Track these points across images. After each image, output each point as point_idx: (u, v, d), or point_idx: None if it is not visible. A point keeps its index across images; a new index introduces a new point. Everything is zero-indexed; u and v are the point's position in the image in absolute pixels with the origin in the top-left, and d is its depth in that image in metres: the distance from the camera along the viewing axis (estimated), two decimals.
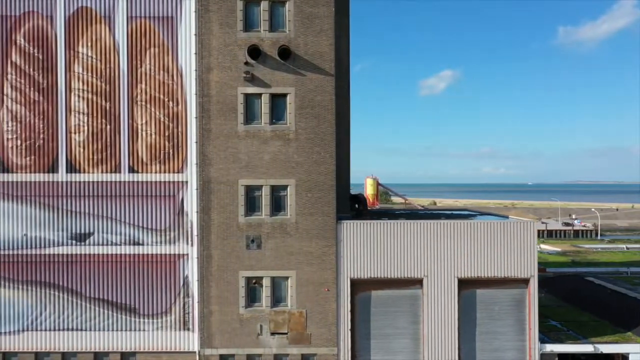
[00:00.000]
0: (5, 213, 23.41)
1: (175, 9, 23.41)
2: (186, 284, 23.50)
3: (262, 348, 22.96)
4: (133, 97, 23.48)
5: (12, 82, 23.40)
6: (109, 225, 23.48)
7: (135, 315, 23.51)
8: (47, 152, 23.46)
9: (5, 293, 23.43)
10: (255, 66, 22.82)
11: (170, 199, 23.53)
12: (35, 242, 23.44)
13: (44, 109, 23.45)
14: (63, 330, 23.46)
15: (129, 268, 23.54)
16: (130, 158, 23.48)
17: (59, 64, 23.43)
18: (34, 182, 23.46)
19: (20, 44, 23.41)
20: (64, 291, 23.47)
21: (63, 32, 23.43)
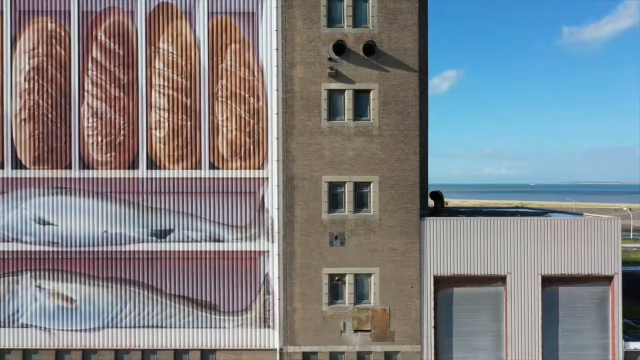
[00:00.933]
0: (86, 210, 23.31)
1: (257, 5, 23.30)
2: (267, 281, 23.38)
3: (345, 345, 22.84)
4: (214, 93, 23.36)
5: (92, 78, 23.30)
6: (189, 222, 23.36)
7: (215, 313, 23.39)
8: (127, 148, 23.35)
9: (86, 290, 23.32)
10: (338, 62, 22.71)
11: (251, 195, 23.41)
12: (116, 238, 23.32)
13: (125, 105, 23.34)
14: (143, 327, 23.35)
15: (209, 265, 23.42)
16: (211, 154, 23.37)
17: (139, 59, 23.32)
18: (115, 179, 23.35)
19: (101, 40, 23.31)
20: (144, 288, 23.36)
21: (144, 28, 23.33)
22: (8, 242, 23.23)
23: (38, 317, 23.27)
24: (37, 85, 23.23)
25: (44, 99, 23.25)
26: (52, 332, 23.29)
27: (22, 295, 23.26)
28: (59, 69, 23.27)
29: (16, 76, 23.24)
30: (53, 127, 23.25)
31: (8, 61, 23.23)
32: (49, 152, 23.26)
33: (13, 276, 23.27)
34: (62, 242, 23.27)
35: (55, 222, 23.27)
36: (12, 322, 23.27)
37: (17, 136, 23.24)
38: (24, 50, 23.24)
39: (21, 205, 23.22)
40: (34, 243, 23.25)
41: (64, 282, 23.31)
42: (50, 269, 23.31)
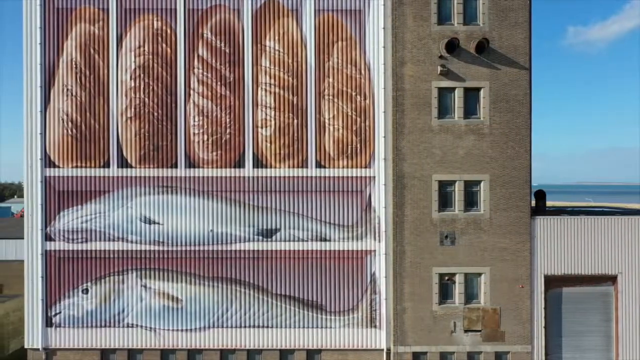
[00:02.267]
0: (192, 209, 23.14)
1: (364, 2, 23.12)
2: (373, 281, 23.18)
3: (455, 345, 22.64)
4: (320, 91, 23.19)
5: (198, 76, 23.14)
6: (295, 221, 23.18)
7: (322, 312, 23.20)
8: (233, 146, 23.18)
9: (192, 289, 23.16)
10: (449, 60, 22.52)
11: (358, 194, 23.22)
12: (222, 238, 23.16)
13: (231, 103, 23.18)
14: (249, 327, 23.18)
15: (315, 264, 23.24)
16: (318, 153, 23.18)
17: (245, 57, 23.16)
18: (221, 177, 23.18)
19: (207, 37, 23.16)
20: (250, 288, 23.19)
21: (250, 26, 23.17)
22: (114, 241, 23.08)
23: (144, 316, 23.12)
24: (143, 83, 23.09)
25: (150, 97, 23.11)
26: (158, 331, 23.14)
27: (128, 294, 23.11)
28: (164, 67, 23.12)
29: (122, 74, 23.11)
30: (159, 126, 23.10)
31: (114, 59, 23.10)
32: (154, 151, 23.11)
33: (119, 276, 23.13)
34: (168, 242, 23.12)
35: (161, 221, 23.11)
36: (117, 322, 23.12)
37: (123, 135, 23.10)
38: (130, 49, 23.11)
39: (127, 204, 23.07)
40: (139, 242, 23.09)
41: (170, 282, 23.16)
42: (156, 269, 23.16)
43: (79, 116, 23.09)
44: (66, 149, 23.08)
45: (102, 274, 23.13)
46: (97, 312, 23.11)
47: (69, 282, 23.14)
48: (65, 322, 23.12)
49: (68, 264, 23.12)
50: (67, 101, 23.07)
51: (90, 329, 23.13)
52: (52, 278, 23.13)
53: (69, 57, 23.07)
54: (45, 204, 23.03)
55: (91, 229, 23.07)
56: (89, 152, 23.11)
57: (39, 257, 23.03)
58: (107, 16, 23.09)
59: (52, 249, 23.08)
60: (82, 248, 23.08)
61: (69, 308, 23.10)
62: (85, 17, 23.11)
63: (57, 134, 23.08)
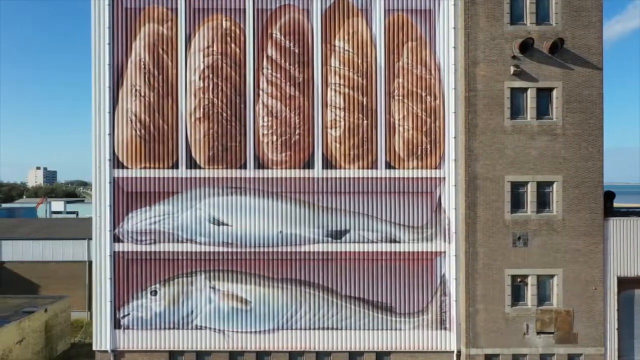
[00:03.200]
0: (261, 210, 22.99)
1: (434, 2, 22.97)
2: (443, 282, 23.02)
3: (527, 348, 22.45)
4: (390, 92, 23.04)
5: (267, 76, 22.99)
6: (365, 222, 23.02)
7: (391, 314, 23.04)
8: (303, 147, 23.03)
9: (261, 291, 23.00)
10: (522, 60, 22.35)
11: (427, 195, 23.07)
12: (291, 239, 23.00)
13: (300, 103, 23.03)
14: (318, 329, 23.02)
15: (385, 266, 23.08)
16: (387, 154, 23.02)
17: (315, 57, 23.01)
18: (290, 179, 23.03)
19: (276, 37, 23.01)
20: (319, 289, 23.03)
21: (319, 26, 23.02)
22: (183, 242, 22.94)
23: (212, 318, 22.96)
24: (212, 83, 22.94)
25: (219, 98, 22.96)
26: (226, 333, 22.98)
27: (197, 296, 22.96)
28: (233, 67, 22.98)
29: (191, 75, 22.97)
30: (228, 126, 22.96)
31: (183, 59, 22.95)
32: (223, 152, 22.96)
33: (187, 277, 22.98)
34: (237, 243, 22.96)
35: (229, 223, 22.96)
36: (186, 324, 22.97)
37: (191, 135, 22.96)
38: (199, 49, 22.96)
39: (196, 206, 22.92)
40: (208, 244, 22.95)
41: (239, 284, 23.00)
42: (224, 270, 23.01)
43: (148, 117, 22.94)
44: (134, 149, 22.93)
45: (170, 276, 22.98)
46: (166, 313, 22.95)
47: (138, 284, 22.98)
48: (134, 324, 22.96)
49: (136, 266, 22.97)
50: (136, 102, 22.92)
51: (159, 331, 22.97)
52: (120, 280, 22.97)
53: (138, 57, 22.93)
54: (113, 205, 22.88)
55: (160, 230, 22.93)
56: (158, 153, 22.96)
57: (108, 258, 22.87)
58: (176, 16, 22.95)
59: (120, 250, 22.94)
60: (151, 249, 22.93)
61: (138, 310, 22.94)
62: (154, 17, 22.97)
63: (126, 135, 22.93)
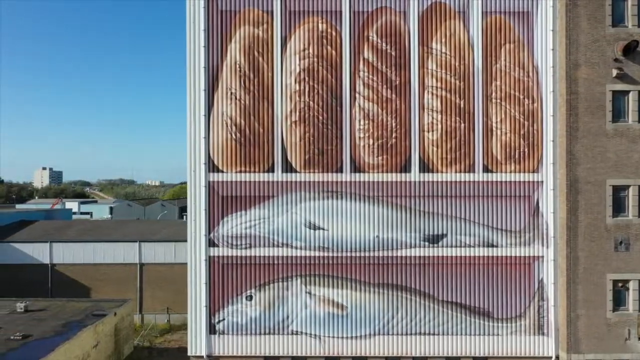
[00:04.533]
0: (357, 214, 22.76)
1: (532, 4, 22.73)
2: (541, 287, 22.77)
3: (629, 353, 22.20)
4: (487, 95, 22.80)
5: (364, 79, 22.77)
6: (461, 227, 22.79)
7: (488, 319, 22.80)
8: (399, 151, 22.80)
9: (358, 296, 22.78)
10: (624, 62, 22.10)
11: (525, 199, 22.82)
12: (388, 243, 22.78)
13: (397, 106, 22.80)
14: (415, 334, 22.79)
15: (482, 270, 22.84)
16: (485, 157, 22.78)
17: (412, 60, 22.78)
18: (387, 182, 22.80)
19: (373, 40, 22.79)
20: (416, 294, 22.80)
21: (416, 28, 22.79)
22: (279, 247, 22.72)
23: (308, 323, 22.74)
24: (308, 86, 22.73)
25: (315, 101, 22.75)
26: (322, 339, 22.76)
27: (293, 301, 22.74)
28: (329, 70, 22.76)
29: (286, 78, 22.75)
30: (324, 130, 22.74)
31: (278, 62, 22.74)
32: (319, 155, 22.75)
33: (283, 282, 22.76)
34: (333, 247, 22.75)
35: (325, 227, 22.74)
36: (282, 329, 22.75)
37: (287, 139, 22.74)
38: (295, 51, 22.75)
39: (292, 210, 22.70)
40: (304, 248, 22.73)
41: (335, 288, 22.78)
42: (320, 275, 22.79)
43: (243, 120, 22.73)
44: (230, 153, 22.73)
45: (266, 281, 22.76)
46: (261, 319, 22.73)
47: (233, 289, 22.77)
48: (229, 329, 22.75)
49: (232, 270, 22.76)
50: (231, 105, 22.71)
51: (254, 336, 22.75)
52: (215, 284, 22.76)
53: (233, 60, 22.72)
54: (208, 209, 22.67)
55: (255, 235, 22.71)
56: (253, 156, 22.75)
57: (203, 263, 22.66)
58: (272, 18, 22.74)
59: (215, 254, 22.73)
60: (246, 254, 22.72)
61: (233, 315, 22.72)
62: (250, 20, 22.76)
63: (221, 138, 22.72)
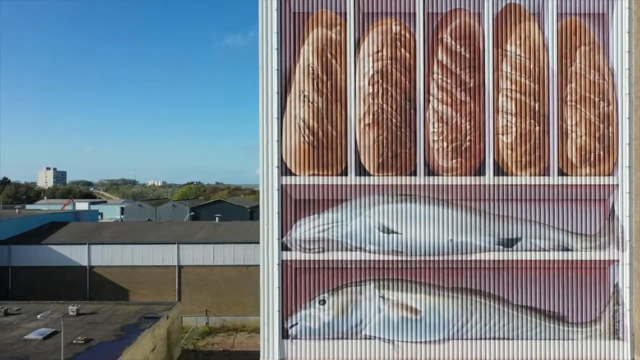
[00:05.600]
0: (431, 218, 22.57)
1: (607, 6, 22.51)
2: (616, 291, 22.57)
3: None
4: (562, 97, 22.59)
5: (438, 81, 22.57)
6: (536, 230, 22.58)
7: (562, 324, 22.60)
8: (473, 154, 22.60)
9: (431, 300, 22.59)
10: None
11: (600, 202, 22.61)
12: (462, 247, 22.58)
13: (471, 109, 22.60)
14: (489, 339, 22.59)
15: (557, 274, 22.63)
16: (560, 160, 22.58)
17: (486, 62, 22.57)
18: (461, 186, 22.60)
19: (447, 42, 22.58)
20: (490, 298, 22.60)
21: (491, 30, 22.59)
22: (352, 251, 22.53)
23: (382, 328, 22.55)
24: (382, 89, 22.53)
25: (389, 104, 22.55)
26: (396, 344, 22.57)
27: (366, 306, 22.55)
28: (403, 72, 22.56)
29: (360, 80, 22.56)
30: (398, 133, 22.54)
31: (352, 65, 22.54)
32: (393, 158, 22.55)
33: (357, 286, 22.57)
34: (407, 251, 22.55)
35: (399, 231, 22.55)
36: (355, 334, 22.56)
37: (360, 142, 22.55)
38: (368, 54, 22.55)
39: (365, 213, 22.51)
40: (377, 252, 22.54)
41: (409, 293, 22.59)
42: (394, 279, 22.60)
43: (316, 123, 22.54)
44: (303, 156, 22.53)
45: (339, 285, 22.57)
46: (334, 323, 22.54)
47: (306, 293, 22.58)
48: (302, 334, 22.56)
49: (304, 274, 22.57)
50: (304, 107, 22.52)
51: (327, 341, 22.56)
52: (288, 289, 22.57)
53: (306, 62, 22.53)
54: (281, 213, 22.48)
55: (328, 239, 22.52)
56: (326, 159, 22.56)
57: (276, 267, 22.48)
58: (345, 20, 22.54)
59: (288, 258, 22.54)
60: (319, 258, 22.53)
61: (306, 319, 22.53)
62: (323, 22, 22.56)
63: (294, 141, 22.53)
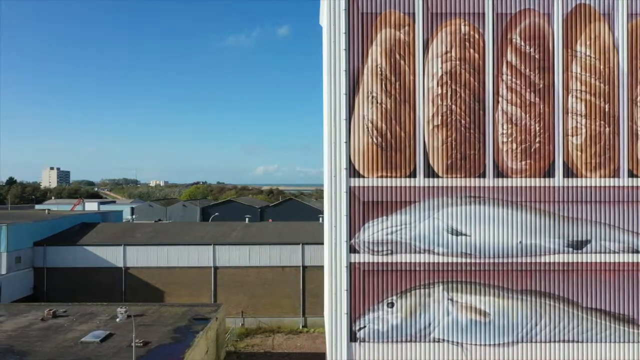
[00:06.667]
0: (500, 220, 22.40)
1: None
2: None
3: None
4: (633, 98, 22.41)
5: (507, 82, 22.39)
6: (606, 232, 22.41)
7: (633, 327, 22.44)
8: (542, 155, 22.43)
9: (500, 303, 22.42)
10: None
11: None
12: (531, 249, 22.41)
13: (540, 110, 22.42)
14: (558, 342, 22.43)
15: (626, 277, 22.47)
16: (630, 162, 22.40)
17: (556, 63, 22.39)
18: (529, 187, 22.43)
19: (516, 43, 22.40)
20: (559, 301, 22.44)
21: (560, 30, 22.40)
22: (420, 253, 22.37)
23: (450, 331, 22.39)
24: (450, 90, 22.36)
25: (457, 105, 22.37)
26: (465, 346, 22.41)
27: (434, 308, 22.39)
28: (472, 73, 22.38)
29: (428, 81, 22.38)
30: (466, 134, 22.37)
31: (420, 65, 22.37)
32: (462, 160, 22.38)
33: (425, 289, 22.41)
34: (475, 254, 22.39)
35: (468, 233, 22.38)
36: (423, 337, 22.40)
37: (429, 143, 22.38)
38: (437, 54, 22.37)
39: (433, 215, 22.35)
40: (446, 254, 22.38)
41: (477, 295, 22.43)
42: (462, 282, 22.43)
43: (384, 124, 22.37)
44: (371, 158, 22.37)
45: (407, 287, 22.42)
46: (403, 326, 22.39)
47: (374, 296, 22.42)
48: (370, 337, 22.40)
49: (373, 277, 22.41)
50: (372, 109, 22.35)
51: (395, 344, 22.41)
52: (356, 291, 22.41)
53: (374, 63, 22.35)
54: (349, 215, 22.32)
55: (397, 241, 22.36)
56: (395, 161, 22.39)
57: (344, 269, 22.32)
58: (413, 21, 22.36)
59: (356, 261, 22.38)
60: (388, 260, 22.37)
61: (374, 322, 22.38)
62: (391, 22, 22.38)
63: (362, 143, 22.36)
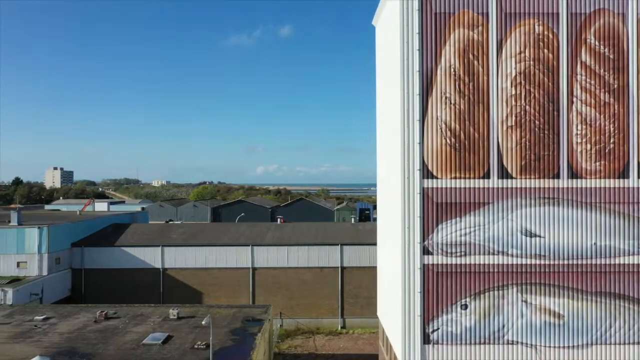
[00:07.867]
0: (574, 221, 22.24)
1: None
2: None
3: None
4: None
5: (581, 83, 22.23)
6: None
7: None
8: (617, 156, 22.27)
9: (574, 305, 22.26)
10: None
11: None
12: (605, 251, 22.25)
13: (615, 111, 22.26)
14: (632, 344, 22.27)
15: None
16: None
17: (630, 63, 22.22)
18: (604, 188, 22.27)
19: (590, 42, 22.24)
20: (633, 303, 22.27)
21: (635, 30, 22.23)
22: (494, 255, 22.22)
23: (524, 333, 22.24)
24: (524, 90, 22.20)
25: (531, 105, 22.22)
26: (538, 348, 22.26)
27: (508, 310, 22.24)
28: (546, 73, 22.22)
29: (502, 81, 22.23)
30: (540, 135, 22.21)
31: (494, 66, 22.22)
32: (536, 161, 22.22)
33: (499, 291, 22.26)
34: (549, 255, 22.23)
35: (541, 234, 22.22)
36: (497, 339, 22.25)
37: (503, 144, 22.22)
38: (510, 54, 22.22)
39: (507, 217, 22.19)
40: (520, 256, 22.22)
41: (551, 297, 22.27)
42: (536, 283, 22.28)
43: (458, 125, 22.22)
44: (445, 159, 22.22)
45: (481, 289, 22.27)
46: (476, 328, 22.24)
47: (447, 298, 22.28)
48: (443, 339, 22.26)
49: (446, 279, 22.27)
50: (446, 109, 22.20)
51: (468, 346, 22.27)
52: (429, 293, 22.27)
53: (447, 63, 22.20)
54: (423, 216, 22.18)
55: (470, 242, 22.21)
56: (468, 162, 22.24)
57: (417, 271, 22.18)
58: (487, 21, 22.21)
59: (430, 262, 22.24)
60: (461, 262, 22.23)
61: (448, 324, 22.24)
62: (464, 22, 22.23)
63: (435, 144, 22.22)
